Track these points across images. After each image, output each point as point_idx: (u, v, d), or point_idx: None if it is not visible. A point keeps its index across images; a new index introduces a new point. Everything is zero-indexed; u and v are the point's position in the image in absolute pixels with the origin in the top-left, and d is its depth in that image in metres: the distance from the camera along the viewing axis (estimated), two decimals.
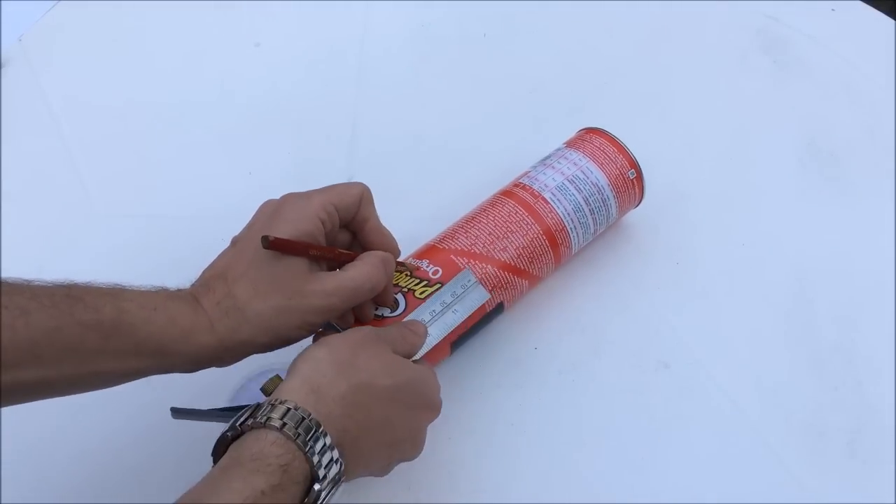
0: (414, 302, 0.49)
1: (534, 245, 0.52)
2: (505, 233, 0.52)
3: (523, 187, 0.55)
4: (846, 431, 0.52)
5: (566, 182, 0.54)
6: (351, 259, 0.45)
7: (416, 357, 0.45)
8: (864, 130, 0.69)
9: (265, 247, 0.40)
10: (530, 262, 0.53)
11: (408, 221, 0.62)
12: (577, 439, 0.52)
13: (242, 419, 0.36)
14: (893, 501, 0.50)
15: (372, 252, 0.45)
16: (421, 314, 0.47)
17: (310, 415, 0.36)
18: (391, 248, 0.47)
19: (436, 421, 0.52)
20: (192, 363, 0.41)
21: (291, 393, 0.37)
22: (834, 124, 0.69)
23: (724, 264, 0.60)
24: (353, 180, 0.64)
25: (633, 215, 0.61)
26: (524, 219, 0.53)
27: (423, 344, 0.46)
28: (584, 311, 0.58)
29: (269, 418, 0.35)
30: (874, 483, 0.50)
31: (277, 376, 0.41)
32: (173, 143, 0.68)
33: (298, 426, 0.35)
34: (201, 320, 0.40)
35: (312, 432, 0.35)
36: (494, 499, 0.50)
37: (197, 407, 0.43)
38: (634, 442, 0.52)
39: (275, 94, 0.71)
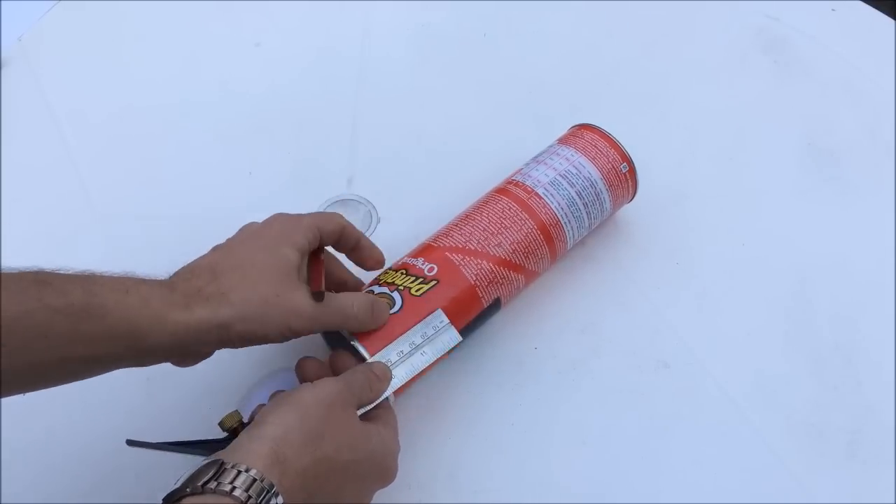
0: (410, 300, 0.49)
1: (529, 240, 0.53)
2: (499, 229, 0.52)
3: (516, 184, 0.55)
4: (846, 431, 0.52)
5: (559, 177, 0.54)
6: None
7: (380, 400, 0.45)
8: (864, 130, 0.69)
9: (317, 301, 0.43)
10: (525, 257, 0.53)
11: (408, 221, 0.63)
12: (578, 439, 0.52)
13: (205, 480, 0.35)
14: (893, 501, 0.50)
15: (364, 295, 0.48)
16: (388, 354, 0.47)
17: (272, 487, 0.35)
18: (378, 258, 0.51)
19: (437, 420, 0.52)
20: (165, 350, 0.41)
21: (258, 460, 0.36)
22: (834, 124, 0.69)
23: (724, 264, 0.60)
24: (353, 181, 0.65)
25: (633, 215, 0.61)
26: (518, 214, 0.53)
27: (387, 388, 0.45)
28: (584, 310, 0.58)
29: (234, 487, 0.35)
30: (874, 483, 0.50)
31: (237, 412, 0.42)
32: (173, 143, 0.68)
33: (260, 499, 0.35)
34: (176, 300, 0.40)
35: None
36: (494, 499, 0.50)
37: (151, 440, 0.43)
38: (634, 442, 0.52)
39: (275, 94, 0.71)
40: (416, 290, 0.49)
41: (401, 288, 0.49)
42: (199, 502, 0.35)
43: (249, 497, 0.34)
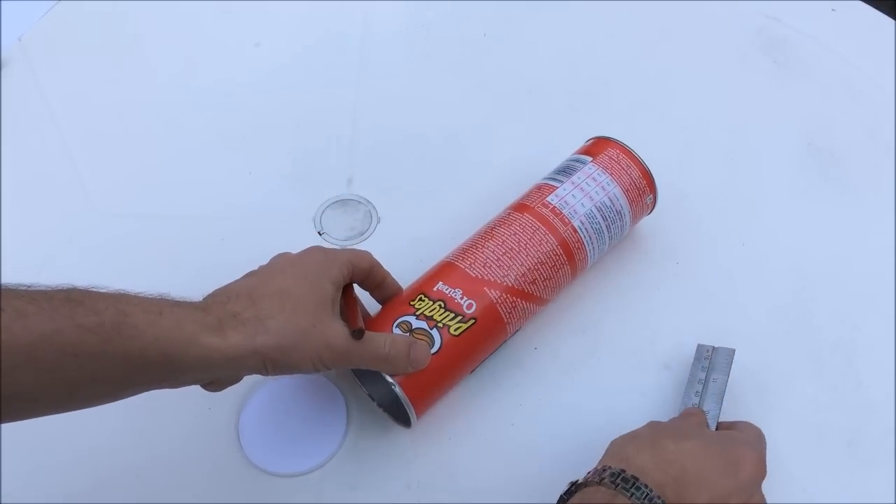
0: (448, 340, 0.48)
1: (559, 276, 0.53)
2: (536, 264, 0.51)
3: (553, 210, 0.53)
4: (846, 431, 0.52)
5: (594, 209, 0.54)
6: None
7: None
8: (864, 130, 0.69)
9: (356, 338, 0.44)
10: (552, 292, 0.54)
11: (408, 221, 0.63)
12: (578, 440, 0.52)
13: (567, 488, 0.42)
14: (893, 501, 0.50)
15: (400, 338, 0.47)
16: (688, 400, 0.51)
17: (623, 470, 0.40)
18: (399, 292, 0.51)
19: (436, 421, 0.52)
20: (196, 373, 0.41)
21: (603, 462, 0.42)
22: (834, 124, 0.69)
23: (725, 264, 0.60)
24: (353, 181, 0.65)
25: None
26: (554, 250, 0.52)
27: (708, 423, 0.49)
28: (584, 311, 0.58)
29: (587, 480, 0.41)
30: (874, 483, 0.50)
31: None
32: (173, 143, 0.68)
33: (615, 479, 0.40)
34: (210, 323, 0.40)
35: (629, 482, 0.39)
36: (494, 499, 0.50)
37: None
38: None
39: (275, 94, 0.71)
40: (455, 330, 0.48)
41: (440, 325, 0.48)
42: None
43: (603, 479, 0.40)
